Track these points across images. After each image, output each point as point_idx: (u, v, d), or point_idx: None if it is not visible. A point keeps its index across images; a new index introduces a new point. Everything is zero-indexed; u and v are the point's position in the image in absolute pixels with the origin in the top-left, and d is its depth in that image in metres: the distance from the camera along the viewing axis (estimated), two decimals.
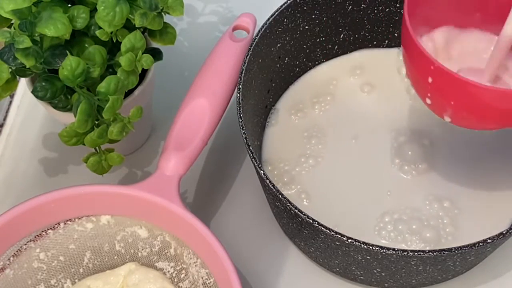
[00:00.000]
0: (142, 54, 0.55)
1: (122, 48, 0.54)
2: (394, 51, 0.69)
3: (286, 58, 0.65)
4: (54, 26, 0.50)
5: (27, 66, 0.52)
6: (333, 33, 0.66)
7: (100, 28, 0.53)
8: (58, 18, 0.51)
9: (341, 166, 0.62)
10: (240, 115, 0.55)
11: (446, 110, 0.51)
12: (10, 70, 0.53)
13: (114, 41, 0.55)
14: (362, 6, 0.64)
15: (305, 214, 0.51)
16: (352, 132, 0.64)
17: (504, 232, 0.50)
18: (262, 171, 0.53)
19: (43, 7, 0.52)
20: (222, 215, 0.63)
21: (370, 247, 0.49)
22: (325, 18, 0.64)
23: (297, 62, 0.66)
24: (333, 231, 0.50)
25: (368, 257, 0.52)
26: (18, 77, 0.56)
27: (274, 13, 0.60)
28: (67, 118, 0.57)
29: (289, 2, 0.61)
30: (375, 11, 0.65)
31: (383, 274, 0.54)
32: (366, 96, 0.66)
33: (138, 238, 0.56)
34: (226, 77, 0.59)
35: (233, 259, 0.50)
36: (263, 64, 0.61)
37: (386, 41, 0.68)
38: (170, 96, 0.65)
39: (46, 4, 0.52)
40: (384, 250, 0.49)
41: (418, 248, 0.57)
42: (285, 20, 0.61)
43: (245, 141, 0.54)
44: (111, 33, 0.54)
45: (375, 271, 0.54)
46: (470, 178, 0.61)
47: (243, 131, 0.54)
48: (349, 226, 0.55)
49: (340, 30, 0.66)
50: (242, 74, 0.57)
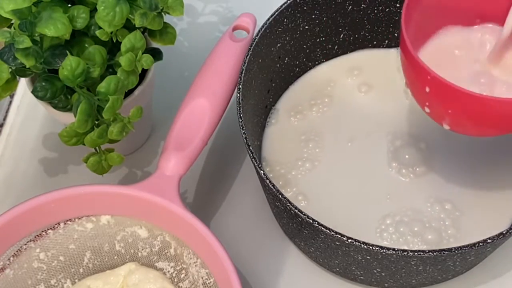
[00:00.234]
0: (142, 54, 0.55)
1: (122, 48, 0.54)
2: (394, 51, 0.69)
3: (286, 58, 0.65)
4: (54, 26, 0.50)
5: (27, 66, 0.52)
6: (333, 33, 0.66)
7: (100, 28, 0.53)
8: (58, 18, 0.51)
9: (338, 170, 0.62)
10: (240, 115, 0.55)
11: (444, 118, 0.52)
12: (10, 70, 0.53)
13: (114, 41, 0.55)
14: (362, 6, 0.64)
15: (305, 214, 0.51)
16: (349, 135, 0.64)
17: (504, 232, 0.50)
18: (262, 171, 0.53)
19: (43, 7, 0.52)
20: (222, 215, 0.63)
21: (370, 247, 0.49)
22: (325, 18, 0.64)
23: (297, 62, 0.66)
24: (333, 231, 0.50)
25: (368, 257, 0.52)
26: (18, 77, 0.56)
27: (274, 13, 0.60)
28: (67, 118, 0.57)
29: (289, 2, 0.61)
30: (375, 11, 0.65)
31: (383, 274, 0.54)
32: (364, 97, 0.66)
33: (138, 238, 0.56)
34: (226, 77, 0.59)
35: (233, 259, 0.50)
36: (263, 64, 0.61)
37: (386, 41, 0.68)
38: (170, 96, 0.65)
39: (46, 4, 0.52)
40: (384, 250, 0.49)
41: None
42: (285, 20, 0.61)
43: (245, 141, 0.54)
44: (111, 33, 0.54)
45: (375, 271, 0.54)
46: (469, 179, 0.61)
47: (243, 131, 0.54)
48: (349, 229, 0.55)
49: (340, 30, 0.66)
50: (242, 74, 0.57)
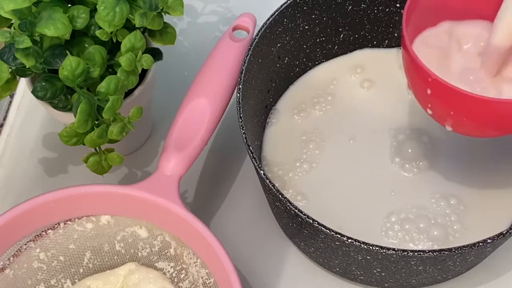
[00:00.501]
0: (142, 54, 0.55)
1: (122, 48, 0.54)
2: (394, 51, 0.69)
3: (286, 58, 0.65)
4: (54, 26, 0.50)
5: (27, 66, 0.52)
6: (333, 33, 0.66)
7: (100, 28, 0.53)
8: (58, 18, 0.51)
9: (341, 169, 0.62)
10: (240, 115, 0.55)
11: (447, 120, 0.52)
12: (10, 70, 0.53)
13: (114, 41, 0.55)
14: (362, 6, 0.64)
15: (305, 214, 0.51)
16: (351, 132, 0.64)
17: (504, 232, 0.50)
18: (262, 171, 0.53)
19: (43, 7, 0.52)
20: (222, 215, 0.63)
21: (370, 247, 0.49)
22: (325, 18, 0.64)
23: (297, 62, 0.66)
24: (333, 231, 0.50)
25: (368, 257, 0.52)
26: (18, 77, 0.56)
27: (274, 13, 0.60)
28: (67, 118, 0.57)
29: (289, 2, 0.61)
30: (375, 11, 0.65)
31: (383, 274, 0.54)
32: (366, 94, 0.66)
33: (138, 238, 0.56)
34: (226, 77, 0.59)
35: (233, 259, 0.50)
36: (263, 64, 0.61)
37: (386, 41, 0.68)
38: (170, 96, 0.65)
39: (46, 4, 0.52)
40: (384, 250, 0.49)
41: (426, 247, 0.57)
42: (285, 20, 0.61)
43: (245, 141, 0.54)
44: (111, 33, 0.54)
45: (375, 271, 0.54)
46: (473, 172, 0.61)
47: (243, 131, 0.54)
48: (354, 229, 0.55)
49: (340, 30, 0.66)
50: (242, 74, 0.57)
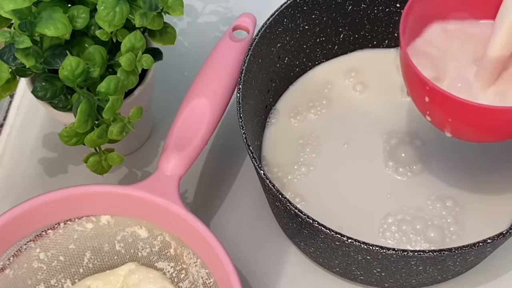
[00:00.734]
0: (142, 54, 0.55)
1: (122, 48, 0.54)
2: (394, 51, 0.69)
3: (286, 58, 0.65)
4: (54, 26, 0.50)
5: (27, 66, 0.52)
6: (333, 33, 0.66)
7: (100, 28, 0.53)
8: (58, 18, 0.51)
9: (336, 172, 0.62)
10: (240, 115, 0.55)
11: (445, 127, 0.52)
12: (10, 70, 0.53)
13: (114, 41, 0.55)
14: (362, 6, 0.64)
15: (305, 214, 0.51)
16: (345, 137, 0.64)
17: (504, 232, 0.50)
18: (262, 171, 0.53)
19: (43, 7, 0.52)
20: (222, 215, 0.63)
21: (370, 247, 0.49)
22: (325, 18, 0.64)
23: (297, 62, 0.66)
24: (333, 231, 0.50)
25: (368, 257, 0.52)
26: (18, 77, 0.56)
27: (274, 13, 0.60)
28: (67, 118, 0.57)
29: (289, 2, 0.61)
30: (375, 11, 0.65)
31: (383, 274, 0.54)
32: (360, 98, 0.66)
33: (138, 238, 0.56)
34: (226, 77, 0.59)
35: (233, 259, 0.50)
36: (263, 64, 0.61)
37: (386, 41, 0.68)
38: (170, 96, 0.65)
39: (46, 4, 0.52)
40: (384, 250, 0.49)
41: (423, 248, 0.57)
42: (285, 20, 0.61)
43: (245, 141, 0.54)
44: (111, 33, 0.54)
45: (375, 271, 0.54)
46: (467, 175, 0.61)
47: (243, 131, 0.54)
48: (352, 230, 0.54)
49: (340, 30, 0.66)
50: (242, 74, 0.57)
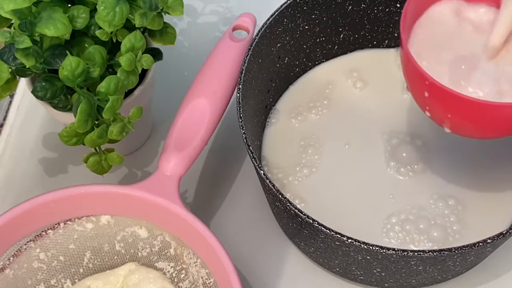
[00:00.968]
0: (142, 54, 0.55)
1: (122, 48, 0.54)
2: (393, 51, 0.69)
3: (286, 58, 0.65)
4: (54, 26, 0.50)
5: (27, 66, 0.52)
6: (333, 33, 0.66)
7: (100, 28, 0.53)
8: (58, 18, 0.51)
9: (340, 172, 0.62)
10: (240, 115, 0.55)
11: (445, 122, 0.52)
12: (10, 70, 0.53)
13: (114, 41, 0.55)
14: (362, 6, 0.64)
15: (305, 214, 0.51)
16: (346, 137, 0.64)
17: (504, 232, 0.50)
18: (262, 171, 0.53)
19: (43, 7, 0.52)
20: (222, 215, 0.63)
21: (370, 247, 0.49)
22: (325, 18, 0.64)
23: (297, 62, 0.66)
24: (333, 231, 0.50)
25: (368, 257, 0.52)
26: (18, 77, 0.56)
27: (274, 13, 0.60)
28: (67, 118, 0.57)
29: (289, 2, 0.61)
30: (375, 11, 0.65)
31: (383, 274, 0.54)
32: (361, 98, 0.66)
33: (138, 238, 0.56)
34: (226, 77, 0.59)
35: (233, 259, 0.50)
36: (263, 64, 0.61)
37: (386, 41, 0.68)
38: (170, 96, 0.65)
39: (46, 4, 0.52)
40: (384, 250, 0.49)
41: (426, 248, 0.57)
42: (285, 20, 0.61)
43: (245, 141, 0.54)
44: (111, 33, 0.54)
45: (375, 271, 0.54)
46: (468, 173, 0.61)
47: (243, 131, 0.54)
48: (355, 230, 0.54)
49: (340, 30, 0.66)
50: (242, 74, 0.57)
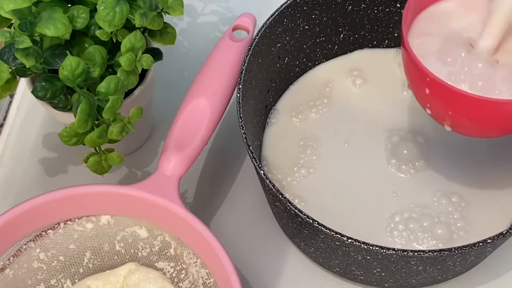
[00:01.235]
0: (142, 54, 0.55)
1: (122, 48, 0.54)
2: (394, 51, 0.69)
3: (286, 58, 0.65)
4: (54, 26, 0.50)
5: (27, 66, 0.52)
6: (333, 33, 0.66)
7: (100, 28, 0.53)
8: (58, 18, 0.51)
9: (340, 172, 0.62)
10: (240, 115, 0.55)
11: (445, 120, 0.52)
12: (10, 70, 0.53)
13: (114, 41, 0.55)
14: (362, 6, 0.64)
15: (305, 214, 0.51)
16: (347, 136, 0.64)
17: (504, 232, 0.50)
18: (262, 171, 0.53)
19: (43, 7, 0.52)
20: (222, 215, 0.63)
21: (370, 247, 0.49)
22: (325, 18, 0.64)
23: (297, 62, 0.66)
24: (333, 231, 0.50)
25: (368, 257, 0.52)
26: (18, 77, 0.56)
27: (274, 13, 0.60)
28: (67, 118, 0.57)
29: (289, 2, 0.61)
30: (375, 11, 0.65)
31: (383, 274, 0.54)
32: (361, 97, 0.66)
33: (138, 238, 0.56)
34: (226, 77, 0.59)
35: (233, 259, 0.50)
36: (263, 64, 0.61)
37: (386, 41, 0.68)
38: (170, 96, 0.65)
39: (46, 4, 0.52)
40: (384, 250, 0.49)
41: (431, 246, 0.57)
42: (285, 20, 0.61)
43: (245, 141, 0.54)
44: (111, 33, 0.54)
45: (375, 271, 0.54)
46: (470, 170, 0.61)
47: (243, 131, 0.54)
48: (359, 230, 0.55)
49: (340, 30, 0.66)
50: (242, 74, 0.57)
